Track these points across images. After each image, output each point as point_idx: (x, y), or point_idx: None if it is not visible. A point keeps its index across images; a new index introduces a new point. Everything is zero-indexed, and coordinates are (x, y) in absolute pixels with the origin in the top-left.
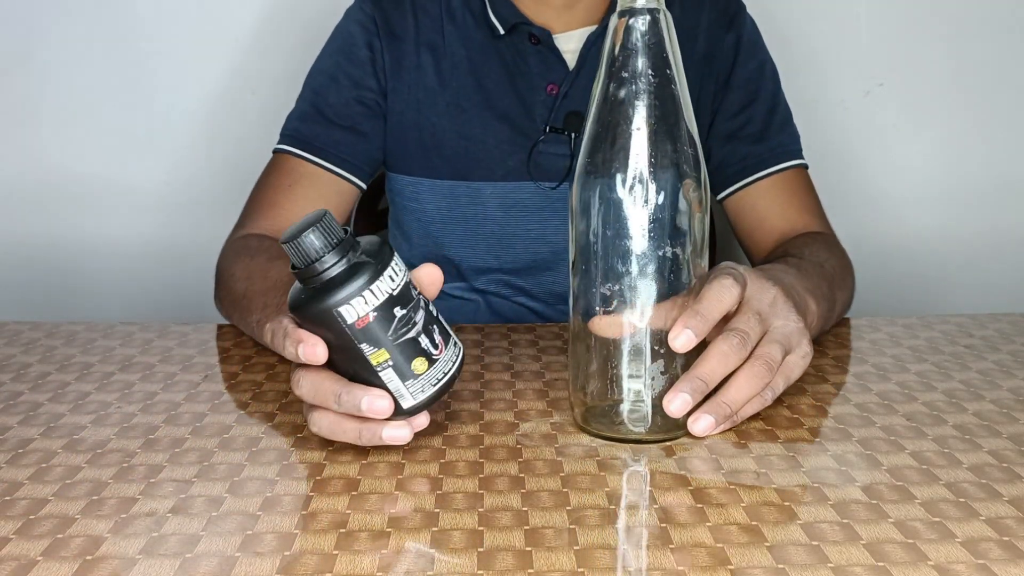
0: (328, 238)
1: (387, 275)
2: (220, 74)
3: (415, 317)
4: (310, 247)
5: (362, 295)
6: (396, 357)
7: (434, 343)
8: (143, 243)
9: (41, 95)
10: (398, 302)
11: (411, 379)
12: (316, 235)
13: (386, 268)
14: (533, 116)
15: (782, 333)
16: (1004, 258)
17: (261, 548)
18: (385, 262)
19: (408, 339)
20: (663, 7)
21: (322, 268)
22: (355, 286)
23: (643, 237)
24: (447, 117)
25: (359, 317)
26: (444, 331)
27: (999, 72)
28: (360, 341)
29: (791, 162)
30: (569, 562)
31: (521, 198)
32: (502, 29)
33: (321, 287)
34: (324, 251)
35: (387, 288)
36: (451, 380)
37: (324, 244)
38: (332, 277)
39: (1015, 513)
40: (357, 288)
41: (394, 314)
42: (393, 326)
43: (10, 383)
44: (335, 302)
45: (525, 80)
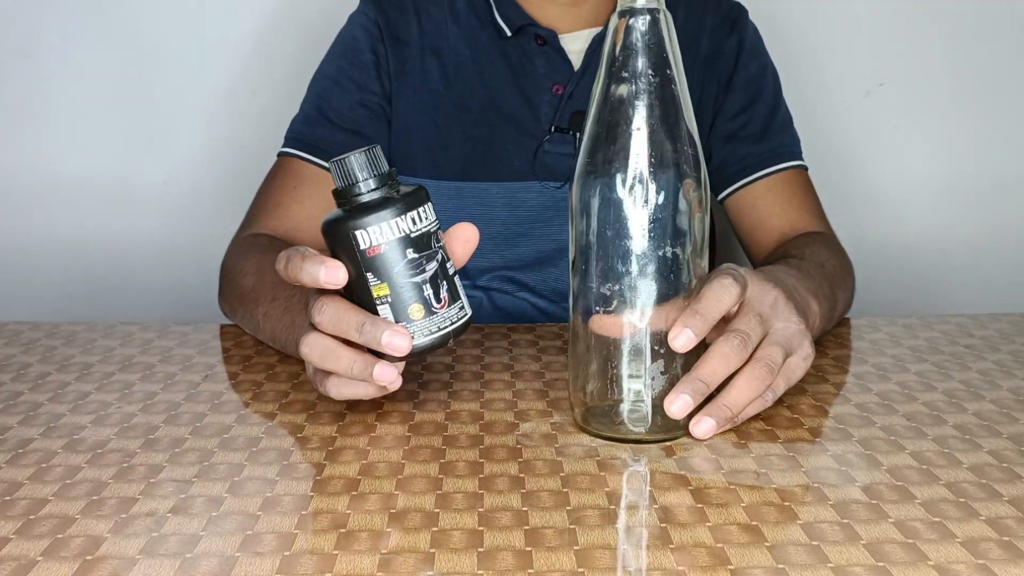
0: (371, 167)
1: (411, 216)
2: (220, 74)
3: (426, 265)
4: (351, 168)
5: (379, 225)
6: (396, 295)
7: (438, 297)
8: (143, 243)
9: (41, 95)
10: (414, 244)
11: (404, 322)
12: (359, 159)
13: (413, 209)
14: (539, 116)
15: (783, 335)
16: (1004, 258)
17: (261, 548)
18: (414, 204)
19: (412, 283)
20: (663, 7)
21: (356, 192)
22: (377, 215)
23: (643, 237)
24: (453, 119)
25: (371, 245)
26: (454, 291)
27: (999, 72)
28: (366, 269)
29: (791, 163)
30: (569, 562)
31: (527, 198)
32: (508, 31)
33: (350, 210)
34: (363, 176)
35: (407, 227)
36: (445, 338)
37: (365, 170)
38: (362, 203)
39: (1015, 513)
40: (378, 217)
41: (406, 254)
42: (402, 265)
43: (10, 383)
44: (355, 224)
45: (531, 81)
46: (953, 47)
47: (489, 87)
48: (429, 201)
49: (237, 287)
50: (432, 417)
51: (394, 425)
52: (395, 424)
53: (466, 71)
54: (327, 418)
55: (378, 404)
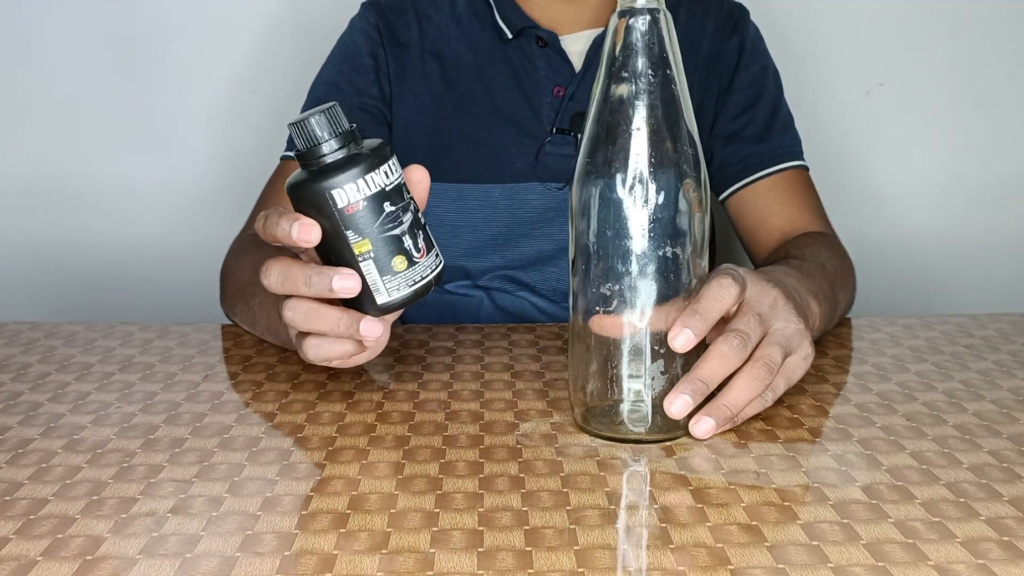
0: (333, 126)
1: (383, 170)
2: (220, 74)
3: (402, 217)
4: (313, 130)
5: (355, 182)
6: (378, 250)
7: (416, 246)
8: (143, 243)
9: (41, 95)
10: (388, 198)
11: (389, 275)
12: (321, 119)
13: (383, 163)
14: (540, 118)
15: (782, 335)
16: (1004, 258)
17: (261, 548)
18: (383, 158)
19: (392, 235)
20: (663, 7)
21: (322, 153)
22: (350, 173)
23: (643, 237)
24: (455, 121)
25: (350, 203)
26: (428, 239)
27: (999, 72)
28: (347, 228)
29: (792, 162)
30: (569, 562)
31: (528, 199)
32: (509, 33)
33: (319, 170)
34: (327, 136)
35: (380, 182)
36: (427, 287)
37: (328, 130)
38: (331, 162)
39: (1015, 513)
40: (352, 175)
41: (383, 208)
42: (380, 219)
43: (10, 383)
44: (330, 184)
45: (532, 83)
46: (953, 47)
47: (490, 89)
48: (394, 155)
49: (235, 282)
50: (432, 417)
51: (394, 425)
52: (395, 424)
53: (467, 74)
54: (327, 418)
55: (378, 404)
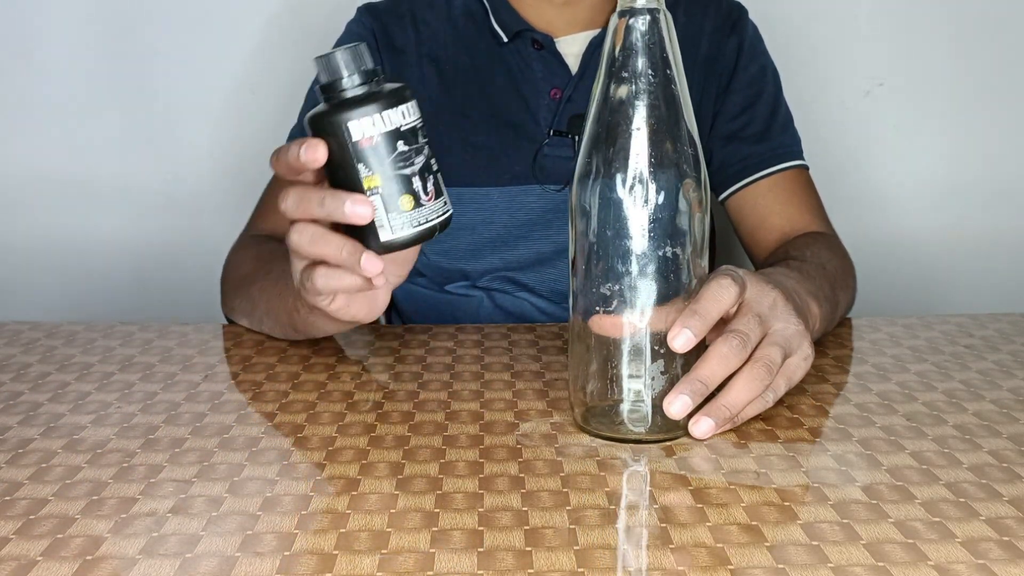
0: (356, 63)
1: (400, 109)
2: (220, 74)
3: (415, 158)
4: (337, 64)
5: (371, 117)
6: (386, 186)
7: (425, 189)
8: (143, 243)
9: (41, 95)
10: (403, 137)
11: (395, 212)
12: (345, 55)
13: (401, 104)
14: (537, 120)
15: (782, 335)
16: (1004, 258)
17: (261, 548)
18: (402, 99)
19: (402, 174)
20: (663, 7)
21: (342, 87)
22: (367, 108)
23: (643, 237)
24: (452, 125)
25: (364, 136)
26: (438, 186)
27: (999, 72)
28: (358, 160)
29: (792, 162)
30: (569, 562)
31: (527, 201)
32: (505, 36)
33: (338, 103)
34: (349, 72)
35: (397, 120)
36: (431, 230)
37: (351, 66)
38: (350, 97)
39: (1015, 513)
40: (369, 110)
41: (396, 146)
42: (392, 157)
43: (10, 383)
44: (346, 116)
45: (529, 85)
46: (953, 47)
47: (487, 93)
48: (415, 99)
49: (235, 276)
50: (432, 417)
51: (394, 425)
52: (395, 424)
53: (464, 77)
54: (327, 418)
55: (378, 404)
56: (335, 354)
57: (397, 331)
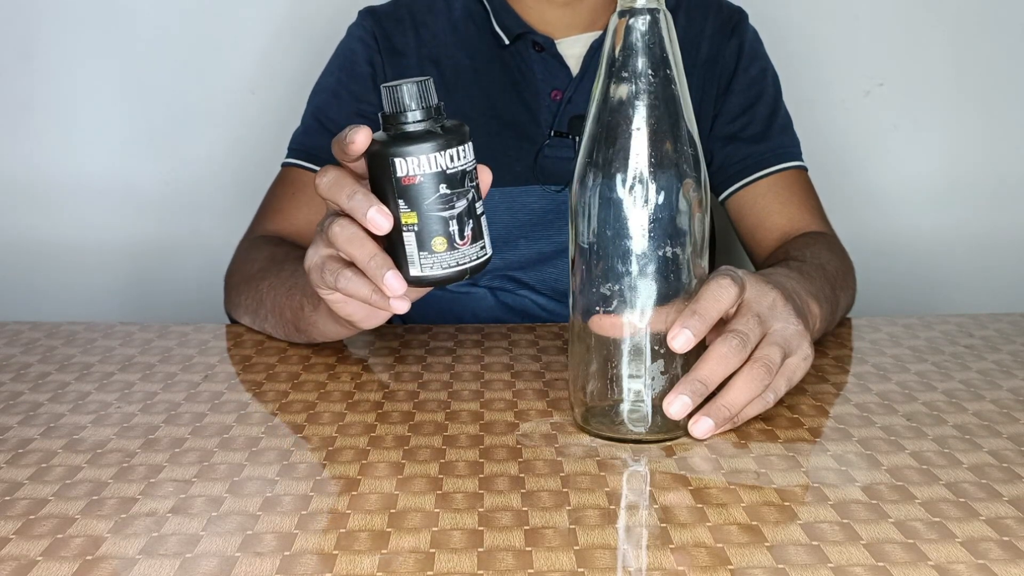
0: (420, 99)
1: (451, 153)
2: (220, 74)
3: (456, 202)
4: (400, 95)
5: (419, 156)
6: (423, 226)
7: (462, 233)
8: (143, 243)
9: (41, 95)
10: (448, 180)
11: (426, 252)
12: (411, 88)
13: (453, 147)
14: (538, 122)
15: (781, 336)
16: (1004, 258)
17: (261, 548)
18: (455, 142)
19: (440, 216)
20: (663, 7)
21: (402, 120)
22: (418, 146)
23: (643, 237)
24: None
25: (408, 174)
26: (478, 230)
27: (999, 72)
28: (399, 196)
29: (792, 163)
30: (569, 562)
31: (527, 202)
32: (506, 39)
33: (394, 136)
34: (410, 105)
35: (445, 163)
36: (461, 273)
37: (413, 100)
38: (406, 131)
39: (1015, 513)
40: (418, 148)
41: (438, 188)
42: (433, 198)
43: (10, 383)
44: (394, 151)
45: (530, 87)
46: (953, 47)
47: (488, 95)
48: (470, 140)
49: (243, 273)
50: (432, 417)
51: (394, 425)
52: (395, 424)
53: (465, 80)
54: (327, 418)
55: (378, 404)
56: (335, 354)
57: (397, 331)
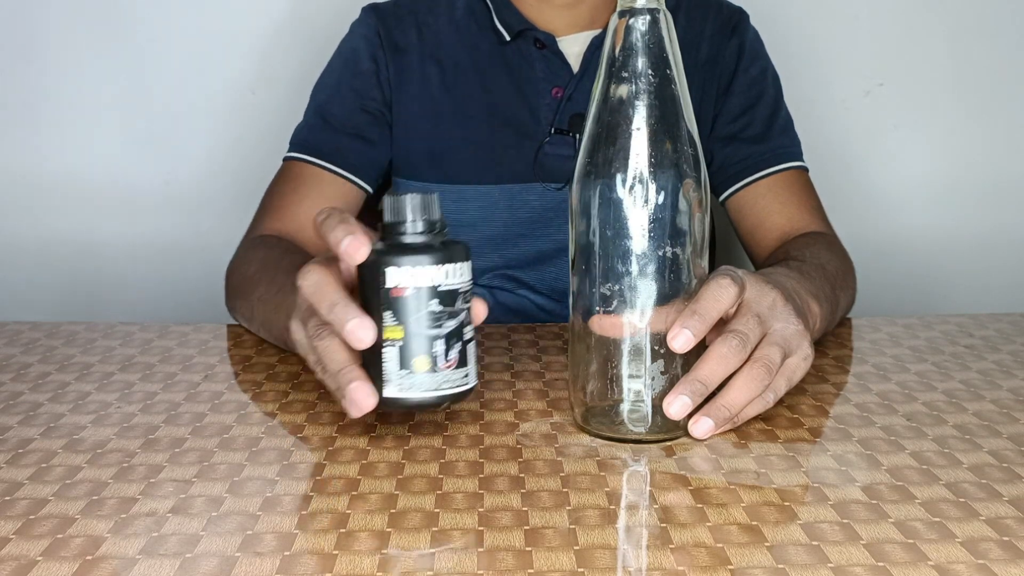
0: (423, 212)
1: (446, 270)
2: (220, 74)
3: (444, 321)
4: (401, 207)
5: (411, 268)
6: (407, 341)
7: (446, 356)
8: (143, 243)
9: (41, 95)
10: (439, 298)
11: (407, 371)
12: (413, 202)
13: (449, 264)
14: (539, 119)
15: (781, 336)
16: (1004, 258)
17: (261, 548)
18: (451, 259)
19: (425, 335)
20: (663, 7)
21: (400, 230)
22: (412, 259)
23: (643, 237)
24: (454, 124)
25: (397, 286)
26: (465, 355)
27: (999, 72)
28: (386, 308)
29: (792, 163)
30: (569, 562)
31: (527, 200)
32: (508, 36)
33: (390, 246)
34: (410, 216)
35: (438, 279)
36: (441, 400)
37: (413, 212)
38: (402, 242)
39: (1015, 513)
40: (412, 261)
41: (427, 305)
42: (420, 314)
43: (10, 383)
44: (386, 261)
45: (530, 84)
46: (953, 47)
47: (489, 91)
48: (468, 260)
49: (240, 276)
50: (432, 417)
51: (394, 425)
52: (395, 424)
53: (466, 76)
54: (327, 418)
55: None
56: None
57: None
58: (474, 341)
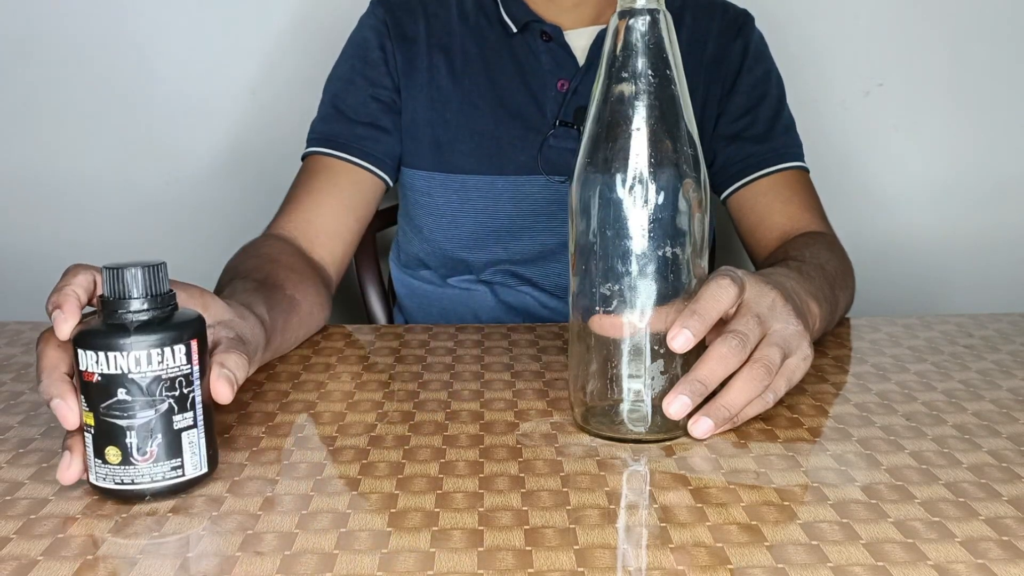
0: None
1: (145, 355)
2: (220, 74)
3: (138, 412)
4: (110, 280)
5: (98, 352)
6: (97, 429)
7: (142, 449)
8: (143, 243)
9: (41, 95)
10: (129, 387)
11: (100, 460)
12: (129, 273)
13: (149, 349)
14: (544, 112)
15: (781, 336)
16: (1004, 258)
17: (262, 548)
18: (164, 342)
19: (115, 424)
20: (663, 7)
21: (107, 307)
22: (104, 340)
23: (643, 237)
24: (460, 114)
25: (86, 369)
26: (173, 447)
27: (998, 72)
28: (81, 391)
29: (793, 163)
30: (569, 562)
31: (531, 192)
32: (515, 27)
33: (100, 325)
34: (110, 293)
35: (128, 366)
36: (139, 494)
37: (114, 287)
38: (106, 321)
39: (1015, 513)
40: (103, 344)
41: (115, 392)
42: (108, 402)
43: (10, 383)
44: (78, 340)
45: (536, 77)
46: (953, 47)
47: (495, 83)
48: (195, 339)
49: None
50: (432, 417)
51: (394, 425)
52: (395, 424)
53: (473, 68)
54: (327, 418)
55: (378, 404)
56: (335, 354)
57: (397, 331)
58: (198, 427)
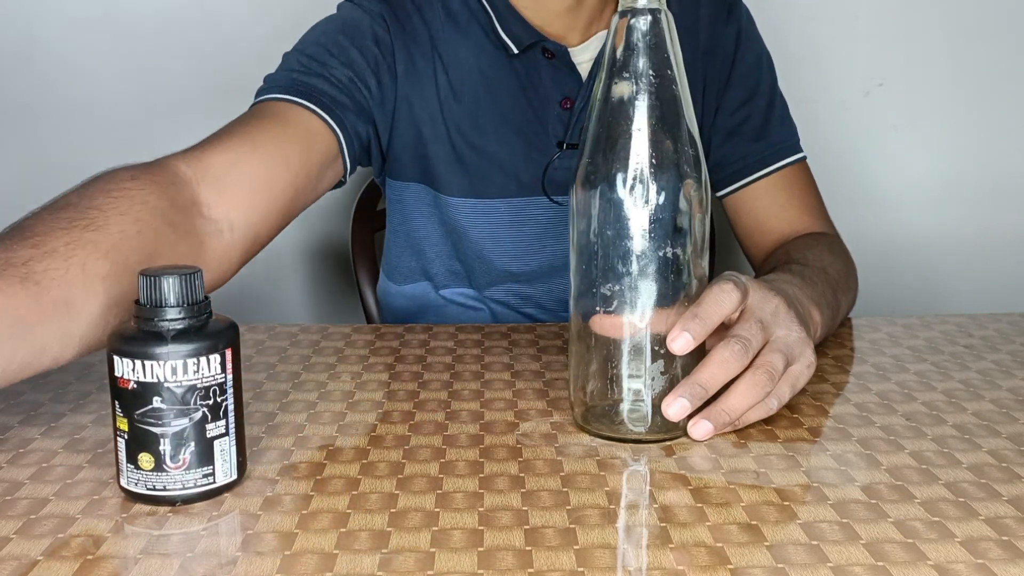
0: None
1: (181, 366)
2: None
3: (172, 420)
4: (147, 287)
5: (135, 360)
6: (131, 436)
7: (175, 457)
8: None
9: (41, 95)
10: (165, 395)
11: (133, 465)
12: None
13: (184, 359)
14: (547, 131)
15: (784, 343)
16: (1004, 258)
17: (261, 548)
18: (198, 352)
19: (149, 431)
20: (664, 7)
21: (144, 314)
22: (141, 348)
23: (643, 237)
24: (464, 132)
25: (122, 376)
26: (205, 455)
27: (998, 72)
28: (114, 397)
29: (790, 158)
30: (569, 562)
31: (535, 213)
32: (515, 48)
33: (135, 330)
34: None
35: (166, 375)
36: (171, 500)
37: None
38: (142, 328)
39: (1015, 513)
40: (140, 352)
41: (152, 401)
42: (144, 409)
43: None
44: (114, 346)
45: (539, 95)
46: (953, 47)
47: (498, 101)
48: (229, 348)
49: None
50: (432, 417)
51: (394, 425)
52: (395, 424)
53: (475, 85)
54: (327, 418)
55: (378, 404)
56: (335, 354)
57: (397, 331)
58: (230, 435)
